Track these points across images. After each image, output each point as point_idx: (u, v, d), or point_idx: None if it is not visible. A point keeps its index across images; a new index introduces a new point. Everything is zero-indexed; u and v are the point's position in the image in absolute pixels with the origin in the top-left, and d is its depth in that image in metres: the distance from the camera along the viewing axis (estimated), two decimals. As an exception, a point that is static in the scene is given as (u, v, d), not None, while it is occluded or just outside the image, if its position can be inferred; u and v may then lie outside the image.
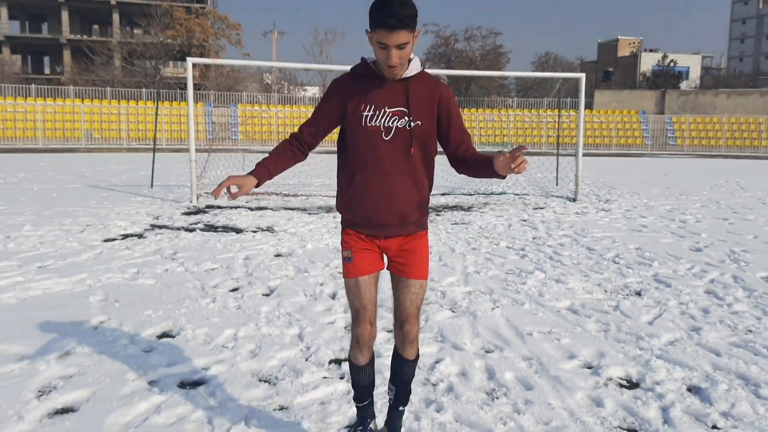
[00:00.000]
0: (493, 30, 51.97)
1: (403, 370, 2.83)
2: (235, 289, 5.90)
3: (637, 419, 3.42)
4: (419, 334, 2.81)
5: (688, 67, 62.88)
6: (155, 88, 39.98)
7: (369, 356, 2.79)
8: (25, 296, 5.56)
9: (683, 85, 55.65)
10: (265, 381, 3.86)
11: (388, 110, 2.54)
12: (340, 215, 2.74)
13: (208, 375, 3.93)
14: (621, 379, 3.97)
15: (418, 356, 2.83)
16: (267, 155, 2.69)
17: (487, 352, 4.37)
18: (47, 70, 59.55)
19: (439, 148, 2.76)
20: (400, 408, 2.93)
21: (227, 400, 3.58)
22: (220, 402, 3.56)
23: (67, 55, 53.63)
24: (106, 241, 8.12)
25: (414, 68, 2.57)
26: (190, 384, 3.82)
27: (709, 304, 5.57)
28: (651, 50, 65.86)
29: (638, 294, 5.89)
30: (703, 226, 9.93)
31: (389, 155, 2.55)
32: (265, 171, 2.61)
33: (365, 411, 2.94)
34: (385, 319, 4.77)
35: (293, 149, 2.69)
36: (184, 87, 40.98)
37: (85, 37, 53.00)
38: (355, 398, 2.93)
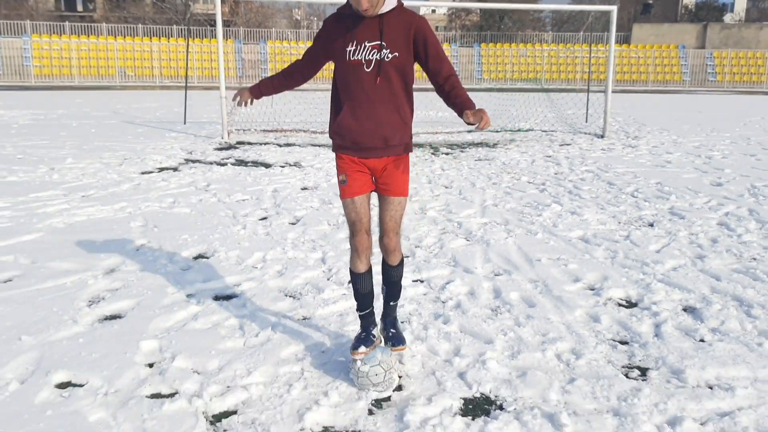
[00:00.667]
0: (530, -40, 49.93)
1: (389, 273, 3.24)
2: (264, 218, 6.27)
3: (630, 333, 3.71)
4: (400, 243, 3.21)
5: (734, -1, 59.84)
6: (186, 25, 39.95)
7: (367, 264, 3.14)
8: (72, 221, 6.03)
9: (727, 18, 53.10)
10: (291, 296, 4.25)
11: (367, 44, 2.83)
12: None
13: (239, 290, 4.33)
14: (620, 299, 4.25)
15: (401, 261, 3.23)
16: (268, 77, 3.18)
17: (496, 275, 4.67)
18: (80, 8, 59.70)
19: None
20: (392, 303, 3.31)
21: (256, 311, 3.97)
22: (250, 312, 3.96)
23: (98, -8, 53.58)
24: (143, 173, 8.56)
25: (389, 4, 2.82)
26: (224, 297, 4.22)
27: (719, 234, 5.74)
28: (696, -19, 62.60)
29: (651, 225, 6.08)
30: (729, 161, 9.91)
31: (371, 85, 2.85)
32: (259, 88, 3.16)
33: (367, 320, 3.28)
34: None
35: (287, 76, 3.15)
36: (214, 24, 40.88)
37: (115, -27, 52.69)
38: (357, 308, 3.28)
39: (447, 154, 10.80)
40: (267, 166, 9.40)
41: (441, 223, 6.08)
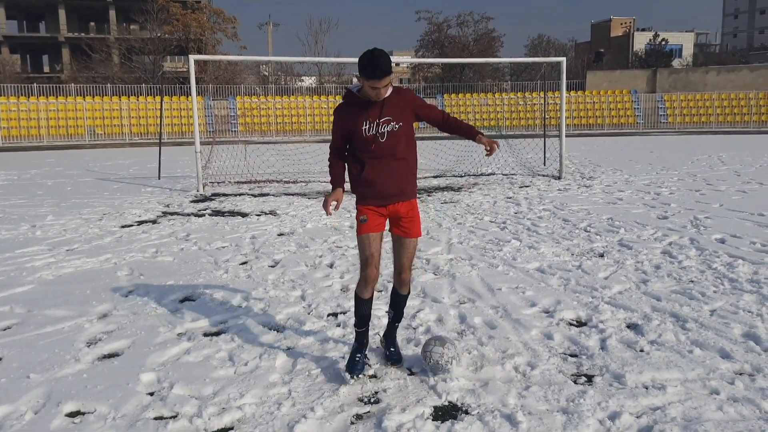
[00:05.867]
0: (485, 15, 52.36)
1: (399, 300, 3.96)
2: (244, 263, 6.66)
3: (579, 347, 4.20)
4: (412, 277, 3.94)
5: (681, 45, 63.32)
6: (155, 83, 40.56)
7: (371, 293, 3.79)
8: (60, 273, 6.34)
9: (675, 63, 56.09)
10: (275, 330, 4.64)
11: (379, 121, 3.59)
12: (354, 195, 3.77)
13: (226, 326, 4.71)
14: (571, 320, 4.74)
15: (409, 291, 3.98)
16: (333, 172, 3.78)
17: (461, 303, 5.15)
18: (46, 69, 60.11)
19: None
20: (396, 324, 4.03)
21: (244, 344, 4.35)
22: (239, 345, 4.34)
23: (65, 53, 54.17)
24: (123, 227, 8.89)
25: (388, 91, 3.62)
26: (213, 333, 4.59)
27: (662, 261, 6.33)
28: (644, 29, 66.27)
29: (601, 256, 6.65)
30: (675, 197, 10.67)
31: (386, 150, 3.64)
32: (341, 182, 3.75)
33: (363, 336, 3.87)
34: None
35: (341, 159, 3.79)
36: (183, 81, 41.59)
37: (82, 34, 53.51)
38: (356, 325, 3.87)
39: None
40: (243, 215, 9.82)
41: (410, 262, 6.55)
